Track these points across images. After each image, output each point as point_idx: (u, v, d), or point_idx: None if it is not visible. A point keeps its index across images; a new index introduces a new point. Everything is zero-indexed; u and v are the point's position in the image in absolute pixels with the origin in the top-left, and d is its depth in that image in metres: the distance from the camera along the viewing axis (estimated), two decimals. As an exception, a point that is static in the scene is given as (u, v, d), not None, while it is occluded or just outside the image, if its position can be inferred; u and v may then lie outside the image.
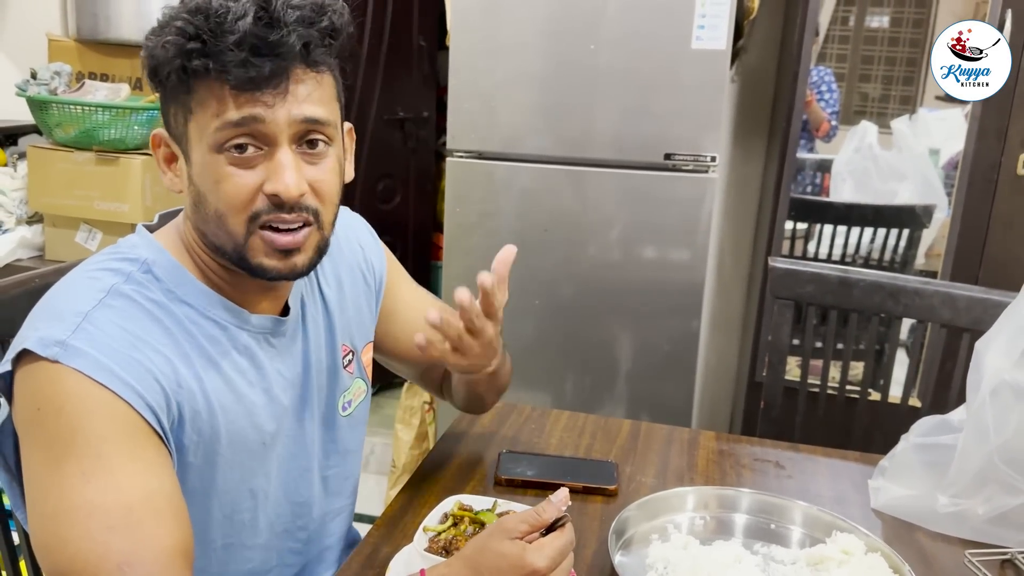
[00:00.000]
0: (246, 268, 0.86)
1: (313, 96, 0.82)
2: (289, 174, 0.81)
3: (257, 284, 0.90)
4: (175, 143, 0.86)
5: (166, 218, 0.95)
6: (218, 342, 0.87)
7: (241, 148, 0.80)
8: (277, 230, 0.84)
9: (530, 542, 0.78)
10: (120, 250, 0.87)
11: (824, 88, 2.81)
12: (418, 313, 1.13)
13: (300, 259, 0.86)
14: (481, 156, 2.16)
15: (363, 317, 1.09)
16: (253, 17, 0.77)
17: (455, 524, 0.96)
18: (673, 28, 1.99)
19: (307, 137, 0.83)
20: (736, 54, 2.37)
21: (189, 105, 0.81)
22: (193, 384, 0.84)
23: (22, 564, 1.12)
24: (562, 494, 0.81)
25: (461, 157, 2.17)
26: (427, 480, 1.18)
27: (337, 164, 0.88)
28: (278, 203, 0.82)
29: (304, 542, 1.02)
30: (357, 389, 1.07)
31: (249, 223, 0.83)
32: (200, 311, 0.87)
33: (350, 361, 1.05)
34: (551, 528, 0.80)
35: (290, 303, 0.97)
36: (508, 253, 0.92)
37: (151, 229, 0.92)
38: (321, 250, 0.88)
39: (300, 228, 0.84)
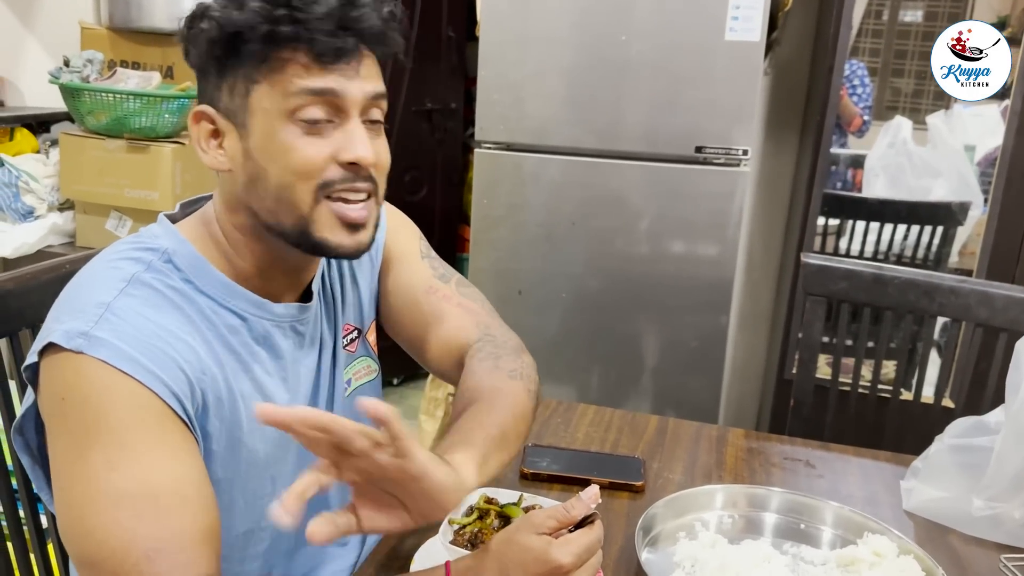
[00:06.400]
0: (307, 244, 0.86)
1: (375, 74, 0.86)
2: (364, 143, 0.84)
3: (286, 272, 0.91)
4: (226, 118, 0.85)
5: (187, 207, 0.95)
6: (237, 332, 0.87)
7: (314, 119, 0.82)
8: (347, 202, 0.85)
9: (558, 538, 0.77)
10: (141, 240, 0.87)
11: (857, 82, 2.76)
12: (411, 294, 1.06)
13: (365, 235, 0.87)
14: (510, 148, 2.15)
15: (367, 295, 1.07)
16: None
17: (481, 517, 0.95)
18: (706, 19, 1.97)
19: (370, 113, 0.86)
20: (769, 47, 2.34)
21: (255, 76, 0.82)
22: (215, 371, 0.83)
23: (50, 548, 1.13)
24: (592, 491, 0.80)
25: (489, 149, 2.16)
26: (452, 472, 1.17)
27: (387, 141, 0.91)
28: (354, 171, 0.84)
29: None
30: (363, 368, 1.06)
31: (318, 191, 0.83)
32: (219, 302, 0.86)
33: (352, 340, 1.04)
34: (580, 525, 0.79)
35: (313, 287, 0.97)
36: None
37: (173, 218, 0.92)
38: (378, 225, 0.90)
39: (366, 200, 0.86)
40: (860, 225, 2.78)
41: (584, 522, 0.79)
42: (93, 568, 0.73)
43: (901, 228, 2.74)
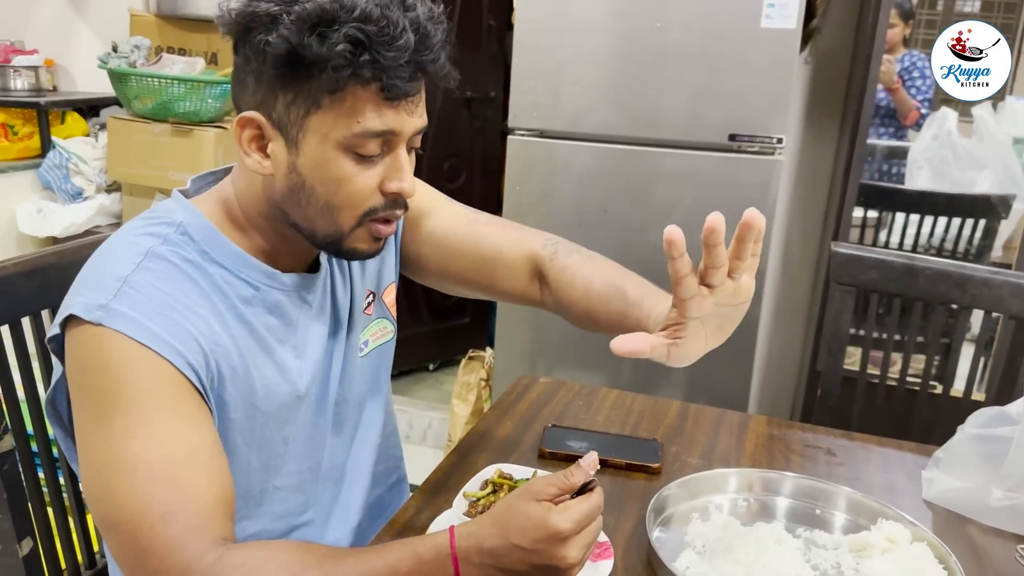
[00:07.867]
0: (334, 250, 0.92)
1: (423, 106, 0.89)
2: (410, 175, 0.89)
3: (295, 252, 0.94)
4: (276, 129, 0.85)
5: (198, 181, 0.98)
6: (250, 302, 0.90)
7: (369, 154, 0.85)
8: (384, 221, 0.90)
9: (558, 505, 0.78)
10: (156, 215, 0.90)
11: (916, 74, 2.69)
12: (455, 233, 1.10)
13: (383, 241, 0.93)
14: (543, 135, 2.16)
15: (384, 258, 1.10)
16: (412, 32, 0.81)
17: (494, 491, 0.97)
18: (742, 6, 1.95)
19: (413, 142, 0.90)
20: (810, 35, 2.32)
21: (319, 100, 0.82)
22: (228, 342, 0.86)
23: (88, 515, 1.18)
24: (591, 458, 0.81)
25: (523, 135, 2.17)
26: (473, 450, 1.20)
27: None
28: (396, 198, 0.89)
29: (325, 487, 1.04)
30: (379, 329, 1.09)
31: (361, 216, 0.88)
32: (233, 271, 0.89)
33: (369, 303, 1.07)
34: (581, 492, 0.80)
35: (321, 259, 1.00)
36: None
37: (186, 193, 0.95)
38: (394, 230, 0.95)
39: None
40: (900, 218, 2.74)
41: (584, 489, 0.80)
42: (114, 529, 0.77)
43: (942, 221, 2.69)
